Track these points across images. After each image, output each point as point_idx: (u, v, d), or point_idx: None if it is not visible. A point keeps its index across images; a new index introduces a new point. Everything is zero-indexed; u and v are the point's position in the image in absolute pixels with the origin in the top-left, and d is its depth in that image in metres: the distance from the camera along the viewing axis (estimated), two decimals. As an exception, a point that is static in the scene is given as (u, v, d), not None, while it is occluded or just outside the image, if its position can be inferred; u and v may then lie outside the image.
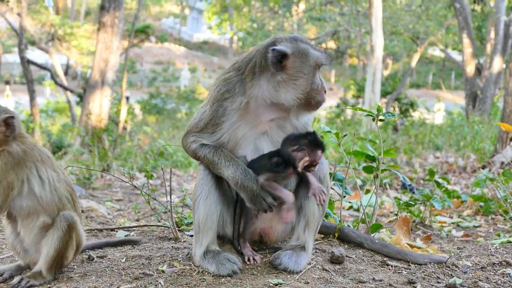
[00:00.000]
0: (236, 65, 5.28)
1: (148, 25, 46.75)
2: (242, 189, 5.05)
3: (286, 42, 5.08)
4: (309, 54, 5.06)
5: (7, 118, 4.87)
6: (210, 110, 5.19)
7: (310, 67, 5.04)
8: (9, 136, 4.87)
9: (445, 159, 16.96)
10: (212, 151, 5.16)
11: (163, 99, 50.04)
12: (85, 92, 25.45)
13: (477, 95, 30.27)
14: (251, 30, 51.63)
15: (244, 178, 5.03)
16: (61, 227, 4.90)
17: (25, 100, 40.32)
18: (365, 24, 41.54)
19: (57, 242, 4.88)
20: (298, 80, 5.03)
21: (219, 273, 4.99)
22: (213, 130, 5.19)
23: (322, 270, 5.23)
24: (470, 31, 30.69)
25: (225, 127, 5.14)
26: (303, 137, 5.08)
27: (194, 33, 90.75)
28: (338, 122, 37.51)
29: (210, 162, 5.17)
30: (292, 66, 5.02)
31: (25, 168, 4.89)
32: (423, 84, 73.38)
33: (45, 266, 4.89)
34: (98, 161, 15.68)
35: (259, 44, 5.28)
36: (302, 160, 5.02)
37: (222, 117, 5.14)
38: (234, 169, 5.06)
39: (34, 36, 39.88)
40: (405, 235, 6.85)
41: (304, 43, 5.12)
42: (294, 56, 5.03)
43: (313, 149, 5.04)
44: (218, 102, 5.16)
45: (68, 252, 4.99)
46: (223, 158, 5.12)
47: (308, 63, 5.04)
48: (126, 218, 8.52)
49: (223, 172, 5.11)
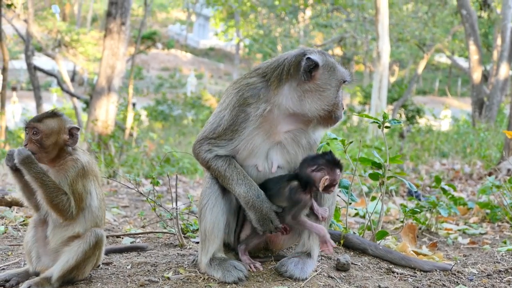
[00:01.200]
0: (260, 70, 5.23)
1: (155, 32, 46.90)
2: (252, 209, 5.06)
3: (316, 54, 5.12)
4: (337, 68, 5.14)
5: (73, 128, 4.98)
6: (230, 115, 5.12)
7: (337, 81, 5.11)
8: (70, 146, 4.97)
9: (451, 166, 16.94)
10: (226, 166, 5.12)
11: (169, 105, 50.05)
12: (92, 99, 25.46)
13: (483, 102, 30.20)
14: (258, 37, 51.69)
15: (256, 200, 5.04)
16: (89, 241, 4.92)
17: (32, 106, 40.40)
18: (371, 30, 41.51)
19: (80, 254, 4.89)
20: (325, 92, 5.07)
21: (225, 280, 4.98)
22: (231, 137, 5.12)
23: (328, 277, 5.22)
24: (476, 37, 30.64)
25: (245, 133, 5.10)
26: (320, 157, 5.10)
27: (201, 40, 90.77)
28: (344, 129, 37.41)
29: (222, 176, 5.14)
30: (321, 78, 5.06)
31: (88, 179, 4.99)
32: (429, 90, 73.28)
33: (58, 273, 4.88)
34: (104, 167, 15.69)
35: (287, 53, 5.26)
36: (322, 179, 5.02)
37: (243, 123, 5.09)
38: (247, 188, 5.06)
39: (40, 43, 39.96)
40: (411, 242, 6.83)
41: (331, 57, 5.20)
42: (324, 68, 5.07)
43: (332, 168, 5.05)
44: (240, 107, 5.10)
45: (87, 267, 5.00)
46: (235, 174, 5.10)
47: (335, 77, 5.10)
48: (132, 224, 8.52)
49: (234, 188, 5.10)
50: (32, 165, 4.76)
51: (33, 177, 4.75)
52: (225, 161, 5.14)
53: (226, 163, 5.13)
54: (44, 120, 4.91)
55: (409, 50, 49.87)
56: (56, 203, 4.79)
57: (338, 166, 5.08)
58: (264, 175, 5.17)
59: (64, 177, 4.86)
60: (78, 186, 4.89)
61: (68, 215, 4.85)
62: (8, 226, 7.20)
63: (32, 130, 4.87)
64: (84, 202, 4.94)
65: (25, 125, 4.93)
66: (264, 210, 5.03)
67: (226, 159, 5.15)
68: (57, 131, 4.91)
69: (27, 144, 4.85)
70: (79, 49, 46.46)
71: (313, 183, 5.03)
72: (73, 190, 4.86)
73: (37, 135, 4.86)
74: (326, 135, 6.65)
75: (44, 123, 4.89)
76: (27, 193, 4.96)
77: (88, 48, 47.26)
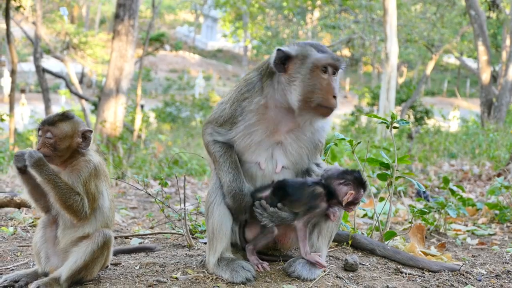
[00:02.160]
0: (258, 66, 5.34)
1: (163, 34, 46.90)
2: (232, 199, 5.14)
3: (295, 45, 5.11)
4: (309, 55, 5.05)
5: (87, 131, 5.02)
6: (230, 109, 5.23)
7: (307, 68, 5.02)
8: (83, 149, 5.00)
9: (460, 167, 16.89)
10: (221, 152, 5.22)
11: (177, 107, 50.03)
12: (100, 100, 25.50)
13: (492, 103, 30.12)
14: (266, 38, 51.71)
15: (239, 192, 5.12)
16: (98, 241, 4.94)
17: (41, 108, 40.52)
18: (379, 31, 41.47)
19: (88, 254, 4.91)
20: (296, 81, 5.02)
21: (233, 280, 4.99)
22: (230, 128, 5.22)
23: (336, 277, 5.22)
24: (485, 38, 30.56)
25: (241, 127, 5.17)
26: (349, 173, 5.11)
27: (209, 41, 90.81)
28: (353, 130, 37.39)
29: (216, 161, 5.24)
30: (293, 67, 5.04)
31: (100, 180, 5.02)
32: (438, 91, 73.15)
33: (66, 274, 4.89)
34: (112, 169, 15.71)
35: None
36: (348, 193, 5.03)
37: (240, 117, 5.17)
38: (234, 178, 5.14)
39: (49, 45, 40.12)
40: (419, 243, 6.82)
41: (313, 47, 5.12)
42: (297, 58, 5.05)
43: (358, 186, 5.07)
44: (238, 102, 5.21)
45: (95, 267, 5.01)
46: (228, 163, 5.17)
47: (306, 65, 5.03)
48: (140, 226, 8.53)
49: (222, 175, 5.18)
50: (44, 168, 4.77)
51: (46, 180, 4.76)
52: (222, 147, 5.24)
53: (222, 150, 5.23)
54: (58, 124, 4.93)
55: (418, 51, 49.80)
56: (70, 204, 4.81)
57: (364, 187, 5.10)
58: (268, 175, 5.20)
59: (77, 177, 4.88)
60: (91, 186, 4.91)
61: (82, 216, 4.88)
62: (17, 227, 7.23)
63: (46, 133, 4.89)
64: (97, 202, 4.97)
65: (39, 126, 4.95)
66: (243, 203, 5.12)
67: (224, 146, 5.24)
68: (71, 135, 4.94)
69: (41, 148, 4.87)
70: (88, 51, 46.62)
71: (337, 196, 5.04)
72: (86, 190, 4.88)
73: (51, 139, 4.87)
74: (334, 136, 6.65)
75: (58, 127, 4.91)
76: (35, 195, 4.98)
77: (96, 50, 47.43)
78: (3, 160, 17.41)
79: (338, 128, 38.13)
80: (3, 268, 5.49)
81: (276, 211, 5.04)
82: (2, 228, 7.10)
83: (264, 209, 5.05)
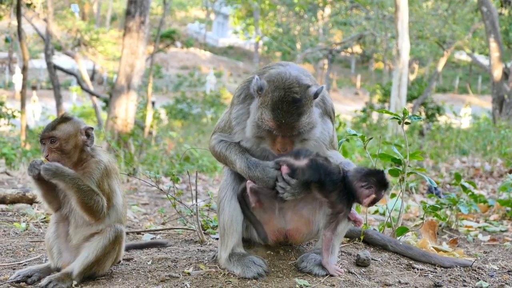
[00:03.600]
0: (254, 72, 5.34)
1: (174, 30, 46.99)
2: (253, 179, 5.03)
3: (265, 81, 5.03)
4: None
5: (88, 128, 5.02)
6: (228, 115, 5.28)
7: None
8: (88, 146, 5.00)
9: (471, 164, 16.85)
10: (227, 145, 5.21)
11: (188, 104, 50.09)
12: (111, 97, 25.56)
13: (504, 100, 30.03)
14: (277, 35, 51.65)
15: (259, 162, 5.04)
16: (109, 236, 4.97)
17: (52, 105, 40.64)
18: (391, 28, 41.41)
19: (100, 249, 4.94)
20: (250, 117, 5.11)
21: (244, 275, 5.00)
22: (230, 132, 5.25)
23: (348, 272, 5.22)
24: (497, 35, 30.47)
25: (239, 133, 5.19)
26: (372, 174, 5.05)
27: (220, 38, 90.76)
28: (364, 126, 37.37)
29: (224, 156, 5.23)
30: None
31: (111, 178, 5.06)
32: (449, 88, 72.98)
33: (78, 269, 4.92)
34: (124, 165, 15.74)
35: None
36: (369, 197, 5.02)
37: (234, 121, 5.22)
38: (246, 156, 5.10)
39: (60, 42, 40.21)
40: (431, 239, 6.82)
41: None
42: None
43: (380, 188, 5.03)
44: (232, 107, 5.28)
45: (107, 262, 5.04)
46: (237, 148, 5.16)
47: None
48: (152, 222, 8.55)
49: (234, 160, 5.14)
50: (65, 174, 4.80)
51: (69, 185, 4.79)
52: (227, 143, 5.24)
53: (227, 144, 5.23)
54: (58, 127, 4.94)
55: (429, 47, 49.65)
56: (90, 205, 4.85)
57: (386, 188, 5.08)
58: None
59: (90, 179, 4.90)
60: (104, 186, 4.95)
61: (101, 216, 4.93)
62: (29, 223, 7.25)
63: (49, 139, 4.90)
64: (111, 201, 5.01)
65: (40, 137, 4.95)
66: (270, 174, 4.99)
67: (228, 142, 5.24)
68: (74, 134, 4.94)
69: (48, 155, 4.89)
70: (99, 48, 46.69)
71: (358, 197, 5.03)
72: (101, 190, 4.91)
73: (56, 142, 4.89)
74: (346, 131, 6.65)
75: (59, 129, 4.92)
76: (48, 198, 5.02)
77: (107, 47, 47.51)
78: (14, 157, 17.47)
79: (350, 125, 38.05)
80: (16, 263, 5.52)
81: (298, 185, 4.97)
82: (14, 223, 7.12)
83: (288, 183, 4.99)
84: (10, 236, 6.59)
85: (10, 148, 18.29)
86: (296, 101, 4.81)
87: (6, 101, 33.30)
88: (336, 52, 61.27)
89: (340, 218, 5.10)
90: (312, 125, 4.92)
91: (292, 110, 4.79)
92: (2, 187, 9.63)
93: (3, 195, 7.91)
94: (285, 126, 4.81)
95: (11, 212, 7.97)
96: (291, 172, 4.95)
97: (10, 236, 6.56)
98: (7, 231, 6.76)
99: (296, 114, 4.80)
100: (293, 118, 4.79)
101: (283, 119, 4.79)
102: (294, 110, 4.80)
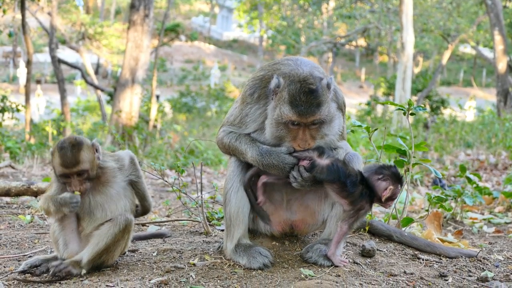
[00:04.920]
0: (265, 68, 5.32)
1: (178, 24, 46.99)
2: (268, 167, 5.02)
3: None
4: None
5: (94, 144, 5.04)
6: (239, 111, 5.27)
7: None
8: (100, 160, 5.03)
9: (476, 156, 16.85)
10: (235, 137, 5.20)
11: (193, 97, 50.02)
12: (116, 91, 25.57)
13: (508, 92, 30.02)
14: (281, 28, 51.62)
15: (268, 156, 5.01)
16: (119, 224, 4.99)
17: (56, 99, 40.64)
18: (395, 21, 41.37)
19: (110, 236, 4.97)
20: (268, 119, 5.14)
21: (250, 266, 5.01)
22: (240, 126, 5.24)
23: (353, 263, 5.23)
24: (501, 27, 30.43)
25: (251, 128, 5.21)
26: (387, 168, 5.08)
27: (224, 32, 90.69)
28: (369, 119, 37.37)
29: (233, 147, 5.21)
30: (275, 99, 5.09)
31: (120, 179, 5.15)
32: (454, 81, 72.85)
33: (88, 257, 4.93)
34: (129, 158, 15.72)
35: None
36: (387, 189, 5.01)
37: (248, 118, 5.22)
38: (257, 145, 5.09)
39: (64, 35, 40.20)
40: (436, 230, 6.81)
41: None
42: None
43: (395, 181, 5.04)
44: (243, 105, 5.26)
45: (116, 251, 5.06)
46: (247, 138, 5.15)
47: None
48: (157, 214, 8.57)
49: (245, 151, 5.13)
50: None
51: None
52: (236, 134, 5.24)
53: (236, 135, 5.23)
54: (80, 158, 4.88)
55: (434, 40, 49.56)
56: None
57: (401, 182, 5.09)
58: None
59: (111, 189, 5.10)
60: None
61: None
62: (34, 215, 7.28)
63: (77, 173, 4.90)
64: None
65: (65, 173, 4.89)
66: (281, 161, 4.98)
67: (237, 133, 5.24)
68: (93, 158, 4.96)
69: (80, 189, 4.91)
70: (103, 41, 46.65)
71: (377, 192, 5.02)
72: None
73: (84, 174, 4.92)
74: (351, 123, 6.65)
75: (82, 160, 4.89)
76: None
77: (111, 41, 47.46)
78: (19, 151, 17.49)
79: (354, 117, 38.03)
80: (21, 255, 5.52)
81: (310, 179, 4.97)
82: (19, 216, 7.15)
83: (301, 174, 4.98)
84: (15, 228, 6.60)
85: (15, 142, 18.29)
86: (313, 91, 4.83)
87: (11, 95, 33.35)
88: (341, 45, 61.15)
89: (361, 214, 5.10)
90: (332, 117, 4.96)
91: (311, 100, 4.82)
92: (7, 180, 9.65)
93: (8, 187, 7.93)
94: (306, 117, 4.83)
95: (16, 205, 8.00)
96: (310, 167, 4.95)
97: (15, 229, 6.58)
98: (12, 224, 6.78)
99: (315, 104, 4.83)
100: (312, 108, 4.82)
101: (304, 109, 4.81)
102: (313, 100, 4.82)
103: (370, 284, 4.81)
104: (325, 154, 4.97)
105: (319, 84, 4.89)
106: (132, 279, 4.82)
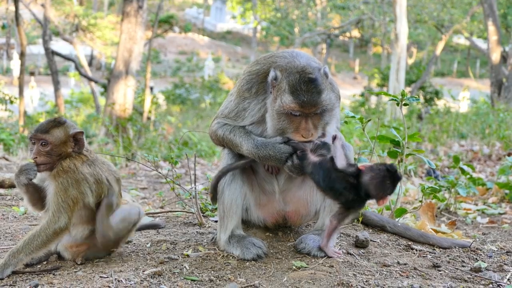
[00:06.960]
0: (260, 61, 5.28)
1: (172, 15, 46.80)
2: (265, 159, 5.03)
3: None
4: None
5: (78, 133, 4.92)
6: (234, 104, 5.24)
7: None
8: (77, 152, 4.93)
9: (470, 147, 16.87)
10: (230, 129, 5.19)
11: (187, 89, 49.95)
12: (109, 83, 25.49)
13: (502, 83, 30.06)
14: (275, 20, 51.59)
15: (264, 148, 5.01)
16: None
17: (50, 91, 40.59)
18: (389, 12, 41.37)
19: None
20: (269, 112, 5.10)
21: (244, 257, 5.02)
22: (235, 119, 5.22)
23: (347, 254, 5.24)
24: (495, 18, 30.46)
25: (247, 121, 5.19)
26: (383, 169, 4.97)
27: (218, 23, 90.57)
28: (362, 111, 37.36)
29: (228, 140, 5.20)
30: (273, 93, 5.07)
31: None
32: (448, 72, 72.90)
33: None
34: (122, 150, 15.73)
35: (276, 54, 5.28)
36: (383, 198, 4.95)
37: (244, 112, 5.19)
38: (252, 137, 5.10)
39: (58, 27, 40.09)
40: (429, 221, 6.83)
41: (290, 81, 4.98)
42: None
43: (392, 184, 4.98)
44: (239, 99, 5.23)
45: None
46: (241, 131, 5.15)
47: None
48: (150, 205, 8.57)
49: (240, 143, 5.13)
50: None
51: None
52: (230, 126, 5.23)
53: (230, 127, 5.22)
54: (51, 131, 4.85)
55: (427, 31, 49.61)
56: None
57: (397, 181, 5.03)
58: None
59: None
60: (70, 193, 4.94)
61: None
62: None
63: (40, 141, 4.85)
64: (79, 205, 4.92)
65: (32, 135, 4.86)
66: (278, 152, 4.98)
67: (232, 125, 5.23)
68: (64, 141, 4.88)
69: (37, 157, 4.83)
70: (97, 33, 46.57)
71: (371, 191, 4.97)
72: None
73: (46, 146, 4.83)
74: (345, 114, 6.65)
75: (52, 134, 4.85)
76: (33, 201, 5.01)
77: (105, 32, 47.37)
78: (13, 142, 17.48)
79: (348, 109, 38.04)
80: (15, 247, 5.52)
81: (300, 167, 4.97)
82: (13, 207, 7.14)
83: (292, 161, 4.97)
84: (8, 220, 6.59)
85: (8, 134, 18.29)
86: (313, 80, 4.85)
87: (4, 87, 33.30)
88: (335, 37, 61.24)
89: (351, 213, 5.09)
90: (332, 105, 4.96)
91: (312, 89, 4.83)
92: (1, 172, 9.64)
93: (1, 179, 7.93)
94: (308, 105, 4.83)
95: (10, 196, 7.99)
96: (301, 156, 4.95)
97: (9, 220, 6.57)
98: (5, 215, 6.77)
99: (316, 92, 4.83)
100: (314, 96, 4.83)
101: (305, 98, 4.82)
102: (313, 88, 4.83)
103: (363, 275, 4.82)
104: (317, 150, 4.96)
105: (318, 73, 4.90)
106: (126, 270, 4.81)
